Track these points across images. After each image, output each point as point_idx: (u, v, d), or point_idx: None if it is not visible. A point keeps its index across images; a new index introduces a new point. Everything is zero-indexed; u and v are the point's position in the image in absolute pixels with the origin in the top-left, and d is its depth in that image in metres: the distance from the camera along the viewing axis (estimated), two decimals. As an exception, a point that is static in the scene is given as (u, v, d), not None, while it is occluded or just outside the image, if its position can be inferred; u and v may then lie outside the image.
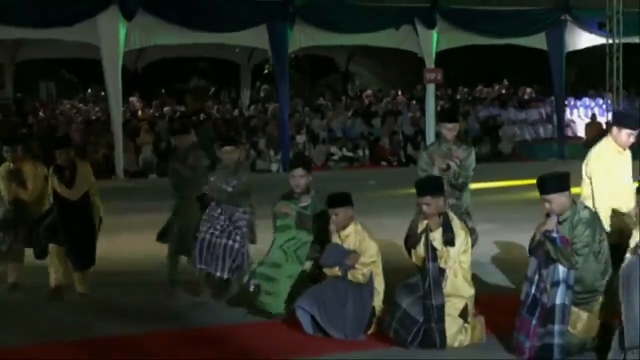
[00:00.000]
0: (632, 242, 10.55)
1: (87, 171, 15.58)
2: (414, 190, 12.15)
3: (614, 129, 12.23)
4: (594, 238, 10.92)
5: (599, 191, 12.03)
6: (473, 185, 13.93)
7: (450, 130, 13.65)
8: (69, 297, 14.92)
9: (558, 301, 10.55)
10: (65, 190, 14.95)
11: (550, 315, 10.59)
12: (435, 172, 13.13)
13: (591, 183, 12.17)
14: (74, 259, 14.71)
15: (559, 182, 11.21)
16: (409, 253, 12.02)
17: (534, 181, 11.22)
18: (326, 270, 12.70)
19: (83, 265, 14.68)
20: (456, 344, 11.42)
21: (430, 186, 11.88)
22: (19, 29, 35.99)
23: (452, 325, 11.43)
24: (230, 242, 14.40)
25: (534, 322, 10.73)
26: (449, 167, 13.18)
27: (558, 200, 10.94)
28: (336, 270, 12.48)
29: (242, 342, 12.43)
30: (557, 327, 10.56)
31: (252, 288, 13.25)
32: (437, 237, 11.42)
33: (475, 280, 12.44)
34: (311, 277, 13.04)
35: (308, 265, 13.15)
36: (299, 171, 13.43)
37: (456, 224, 11.62)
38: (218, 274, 14.25)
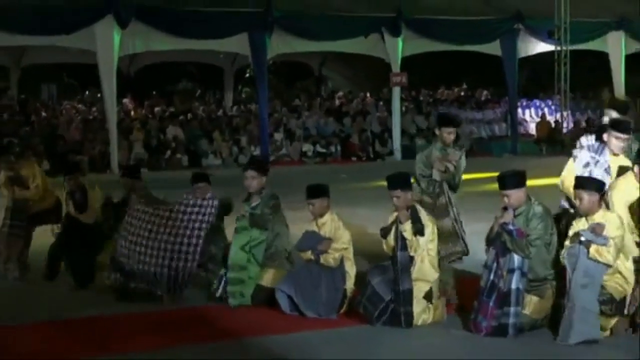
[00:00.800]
0: (571, 232, 10.80)
1: (96, 194, 15.14)
2: (382, 183, 12.20)
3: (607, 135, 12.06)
4: (546, 231, 11.13)
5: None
6: None
7: (450, 134, 13.58)
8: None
9: (513, 286, 10.84)
10: (79, 215, 14.71)
11: (506, 299, 10.84)
12: (435, 175, 13.04)
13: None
14: (75, 277, 14.49)
15: (517, 179, 11.43)
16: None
17: (489, 174, 11.32)
18: (301, 254, 12.74)
19: (83, 284, 14.42)
20: (420, 322, 11.51)
21: (400, 181, 11.95)
22: (23, 36, 35.91)
23: (417, 306, 11.52)
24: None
25: (491, 304, 10.93)
26: (447, 169, 13.12)
27: (516, 195, 11.18)
28: (309, 254, 12.52)
29: (225, 321, 12.36)
30: (512, 309, 10.84)
31: (228, 298, 13.08)
32: (407, 228, 11.53)
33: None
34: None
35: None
36: (251, 173, 13.27)
37: (424, 215, 11.74)
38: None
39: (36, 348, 11.16)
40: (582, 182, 11.16)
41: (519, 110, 46.19)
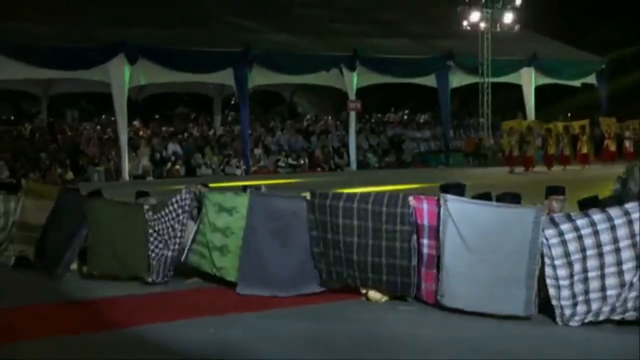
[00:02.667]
0: None
1: None
2: (341, 187, 11.82)
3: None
4: None
5: None
6: (381, 187, 13.23)
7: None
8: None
9: None
10: None
11: None
12: None
13: None
14: None
15: (457, 189, 11.05)
16: None
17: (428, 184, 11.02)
18: None
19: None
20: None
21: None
22: (51, 70, 35.89)
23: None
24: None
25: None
26: None
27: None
28: None
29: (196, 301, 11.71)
30: None
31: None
32: None
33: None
34: None
35: None
36: None
37: None
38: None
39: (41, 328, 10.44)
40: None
41: (451, 130, 46.25)
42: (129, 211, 13.34)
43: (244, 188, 12.74)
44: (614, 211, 9.47)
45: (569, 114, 46.34)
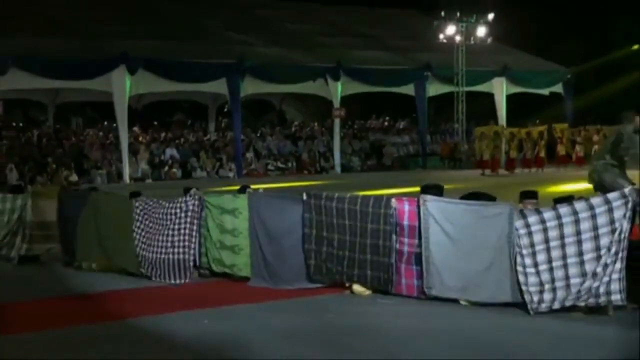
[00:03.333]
0: None
1: None
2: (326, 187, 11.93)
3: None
4: None
5: None
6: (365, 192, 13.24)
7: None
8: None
9: None
10: None
11: None
12: None
13: None
14: None
15: (436, 190, 11.05)
16: None
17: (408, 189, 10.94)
18: None
19: None
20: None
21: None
22: (58, 81, 35.93)
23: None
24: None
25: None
26: None
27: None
28: None
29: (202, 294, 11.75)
30: None
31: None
32: None
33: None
34: None
35: None
36: None
37: None
38: None
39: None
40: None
41: (428, 136, 46.29)
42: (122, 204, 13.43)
43: (242, 189, 12.69)
44: (579, 205, 9.49)
45: (537, 121, 46.38)
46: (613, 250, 9.26)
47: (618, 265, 9.23)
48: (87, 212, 13.52)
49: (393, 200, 10.81)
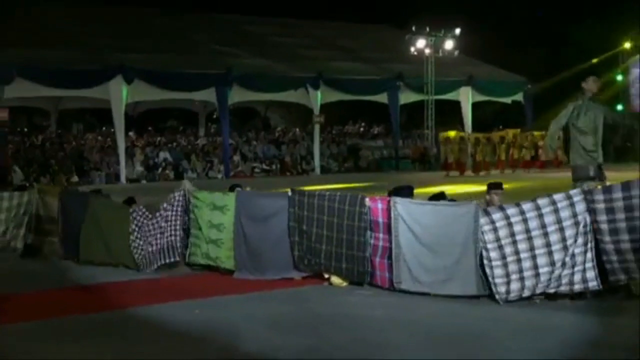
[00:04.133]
0: None
1: None
2: (306, 187, 11.87)
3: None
4: None
5: None
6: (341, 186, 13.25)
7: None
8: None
9: None
10: None
11: None
12: None
13: None
14: None
15: (407, 191, 11.10)
16: None
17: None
18: None
19: None
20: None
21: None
22: (60, 89, 35.95)
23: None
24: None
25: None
26: None
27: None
28: None
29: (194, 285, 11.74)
30: None
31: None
32: None
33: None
34: None
35: None
36: None
37: None
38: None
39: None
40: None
41: (400, 140, 46.30)
42: (120, 211, 13.38)
43: (231, 187, 12.64)
44: (542, 201, 9.47)
45: (500, 126, 46.50)
46: (580, 241, 9.26)
47: (589, 255, 9.23)
48: (90, 213, 13.50)
49: (367, 199, 10.78)
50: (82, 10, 43.98)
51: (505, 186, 11.72)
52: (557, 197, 9.45)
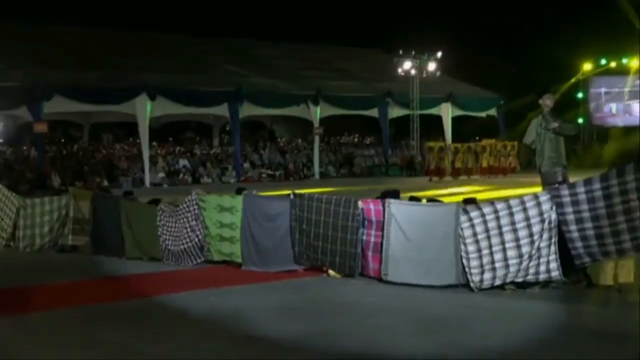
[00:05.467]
0: None
1: None
2: (307, 191, 11.86)
3: None
4: None
5: None
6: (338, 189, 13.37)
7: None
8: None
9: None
10: None
11: None
12: None
13: None
14: None
15: (394, 193, 11.06)
16: None
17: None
18: None
19: None
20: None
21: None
22: (91, 105, 35.77)
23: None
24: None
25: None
26: None
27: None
28: None
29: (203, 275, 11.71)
30: None
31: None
32: None
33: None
34: None
35: None
36: None
37: None
38: None
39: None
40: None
41: (389, 149, 46.27)
42: (149, 210, 13.36)
43: (238, 190, 12.61)
44: (513, 201, 9.48)
45: (477, 137, 46.51)
46: (545, 236, 9.26)
47: (553, 249, 9.23)
48: (121, 212, 13.50)
49: (359, 202, 10.78)
50: (111, 36, 43.99)
51: (482, 188, 11.74)
52: (526, 198, 9.48)
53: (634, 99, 48.01)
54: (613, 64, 48.06)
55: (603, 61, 48.51)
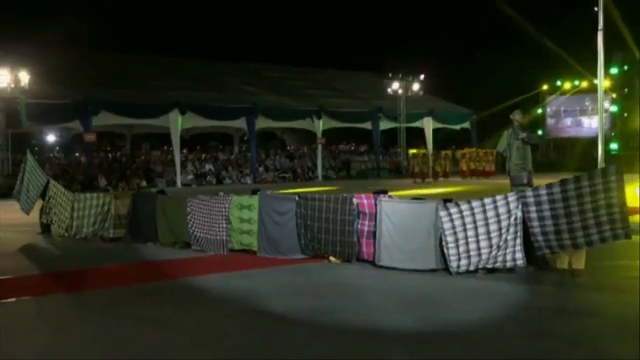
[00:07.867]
0: None
1: None
2: (310, 189, 11.89)
3: None
4: None
5: None
6: (337, 188, 13.39)
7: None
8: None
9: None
10: None
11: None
12: None
13: None
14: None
15: (383, 193, 10.84)
16: None
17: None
18: None
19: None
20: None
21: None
22: (132, 119, 35.91)
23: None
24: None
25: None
26: None
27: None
28: None
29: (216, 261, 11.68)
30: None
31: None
32: None
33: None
34: None
35: None
36: None
37: None
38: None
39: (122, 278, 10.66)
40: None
41: (380, 156, 46.23)
42: (179, 202, 13.38)
43: (253, 191, 12.59)
44: (487, 200, 9.39)
45: (454, 146, 46.44)
46: (512, 230, 9.18)
47: (518, 241, 9.16)
48: (158, 208, 13.54)
49: (354, 198, 10.75)
50: (148, 59, 44.03)
51: (460, 189, 11.68)
52: (497, 197, 9.41)
53: (583, 115, 48.46)
54: (567, 85, 48.10)
55: (558, 82, 48.65)
